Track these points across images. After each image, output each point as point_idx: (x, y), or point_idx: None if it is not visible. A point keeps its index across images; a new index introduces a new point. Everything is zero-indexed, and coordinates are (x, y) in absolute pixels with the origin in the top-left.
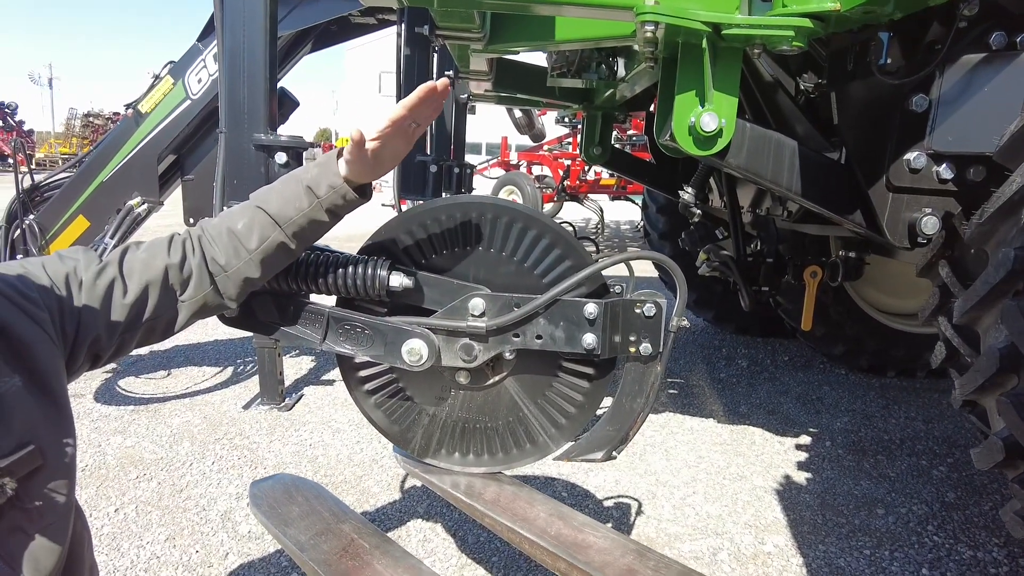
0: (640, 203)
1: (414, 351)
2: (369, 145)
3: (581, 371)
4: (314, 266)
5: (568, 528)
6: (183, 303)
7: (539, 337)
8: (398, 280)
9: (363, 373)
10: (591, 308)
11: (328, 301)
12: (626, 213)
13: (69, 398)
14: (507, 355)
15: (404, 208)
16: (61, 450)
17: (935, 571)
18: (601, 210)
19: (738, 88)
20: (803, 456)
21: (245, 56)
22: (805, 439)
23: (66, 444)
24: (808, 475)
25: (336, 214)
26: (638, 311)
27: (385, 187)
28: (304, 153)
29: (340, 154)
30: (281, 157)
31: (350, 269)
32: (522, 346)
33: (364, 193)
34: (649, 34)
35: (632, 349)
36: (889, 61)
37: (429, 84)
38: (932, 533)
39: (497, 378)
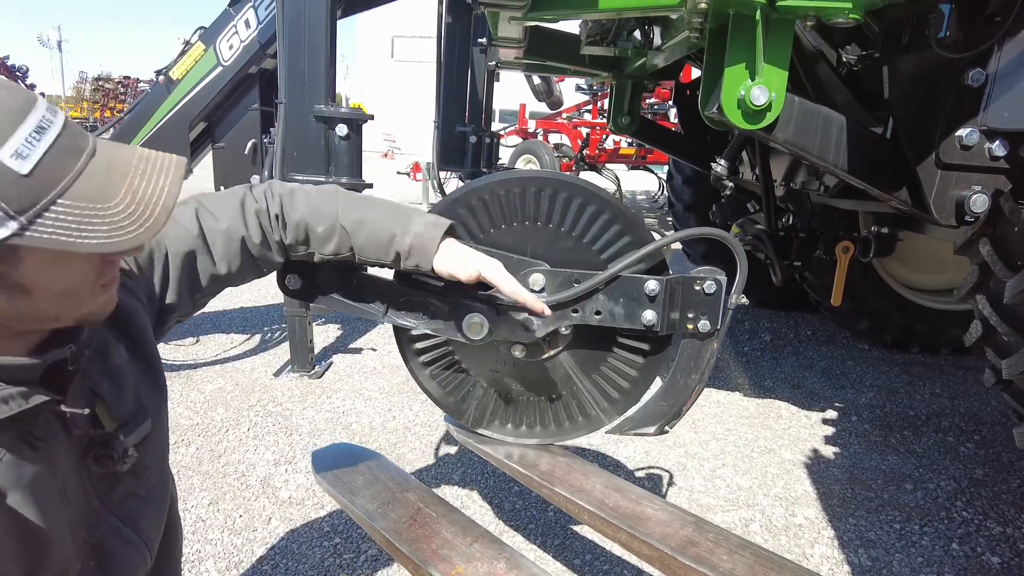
0: (659, 173)
1: (475, 325)
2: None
3: (636, 347)
4: None
5: (625, 500)
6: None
7: (598, 313)
8: None
9: (419, 344)
10: (652, 285)
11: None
12: (643, 183)
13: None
14: (563, 330)
15: (418, 175)
16: (162, 415)
17: (965, 546)
18: (618, 179)
19: (789, 61)
20: (830, 430)
21: (307, 26)
22: (831, 413)
23: (164, 409)
24: (835, 449)
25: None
26: (698, 288)
27: (399, 155)
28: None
29: (447, 232)
30: (342, 129)
31: None
32: (581, 321)
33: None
34: (702, 5)
35: (690, 326)
36: (947, 34)
37: (537, 307)
38: (961, 509)
39: (553, 352)
